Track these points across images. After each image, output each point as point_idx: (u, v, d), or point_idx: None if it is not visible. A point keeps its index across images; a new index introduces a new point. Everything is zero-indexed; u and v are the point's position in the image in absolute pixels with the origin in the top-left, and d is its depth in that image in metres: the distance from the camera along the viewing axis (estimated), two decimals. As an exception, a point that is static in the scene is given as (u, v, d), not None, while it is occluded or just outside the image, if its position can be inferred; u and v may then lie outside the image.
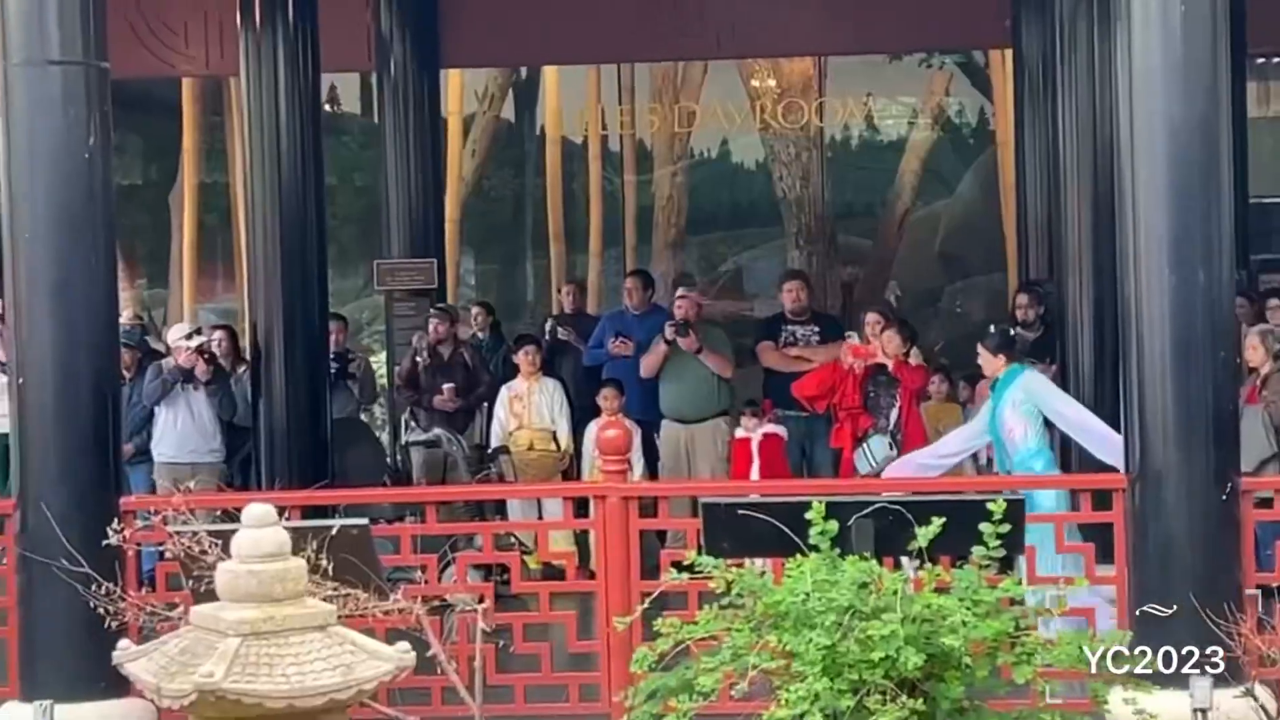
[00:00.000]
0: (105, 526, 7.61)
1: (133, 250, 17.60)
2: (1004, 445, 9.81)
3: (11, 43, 8.11)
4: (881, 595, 5.91)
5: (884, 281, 17.14)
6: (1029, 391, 9.72)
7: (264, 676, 4.29)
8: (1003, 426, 9.75)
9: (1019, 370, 9.91)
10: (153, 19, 15.29)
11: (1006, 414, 9.72)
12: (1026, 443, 9.68)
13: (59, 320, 8.14)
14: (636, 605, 7.41)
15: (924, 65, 16.98)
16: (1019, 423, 9.69)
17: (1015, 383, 9.79)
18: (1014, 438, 9.69)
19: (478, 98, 17.73)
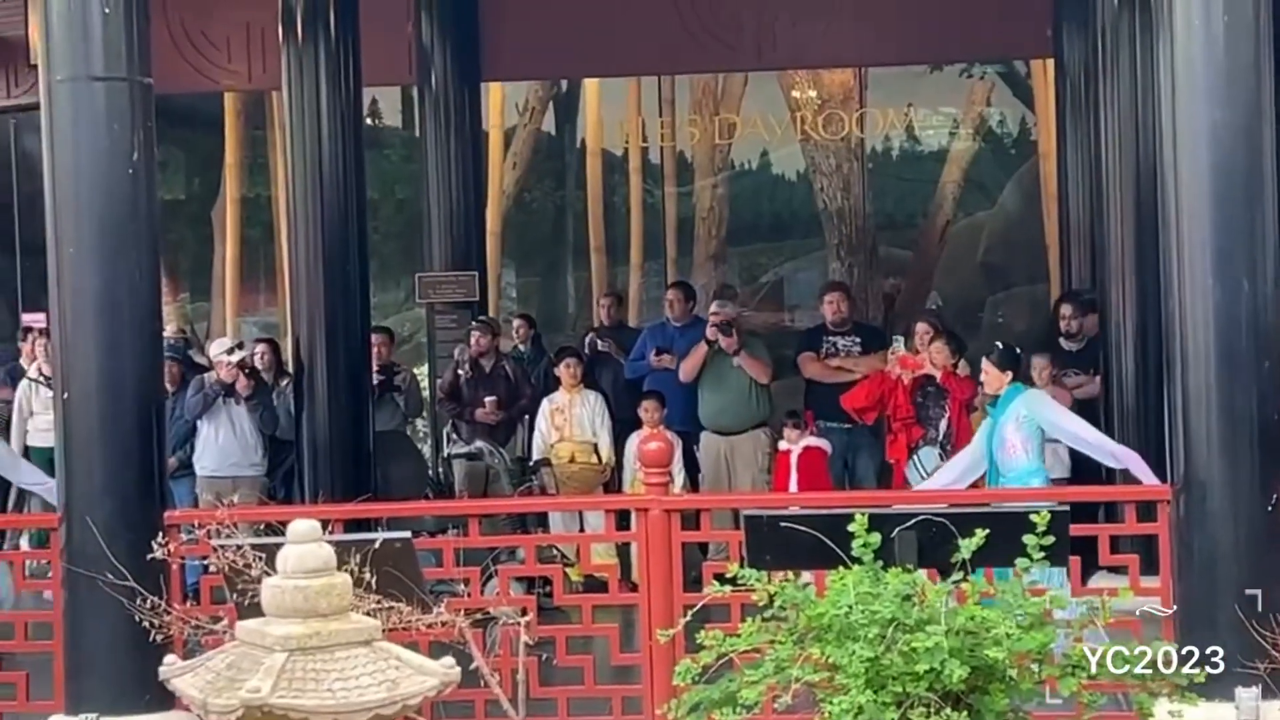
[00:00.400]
0: (150, 540, 7.63)
1: (176, 264, 17.67)
2: (997, 463, 9.80)
3: (56, 59, 8.16)
4: (925, 607, 5.89)
5: (925, 292, 17.09)
6: (1032, 409, 9.73)
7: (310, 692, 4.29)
8: (1003, 444, 9.76)
9: (1020, 388, 9.92)
10: (195, 34, 15.37)
11: (1009, 431, 9.74)
12: (1028, 461, 9.72)
13: (104, 335, 8.18)
14: (679, 618, 7.44)
15: (965, 75, 16.93)
16: (1021, 440, 9.72)
17: (1017, 400, 9.80)
18: (1014, 455, 9.72)
19: (518, 110, 17.74)
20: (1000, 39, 14.79)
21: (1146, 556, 8.02)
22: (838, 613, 5.85)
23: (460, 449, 12.72)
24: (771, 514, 7.37)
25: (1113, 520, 8.96)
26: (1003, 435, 9.76)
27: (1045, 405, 9.88)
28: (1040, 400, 9.91)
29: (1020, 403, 9.76)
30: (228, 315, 17.55)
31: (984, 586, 6.14)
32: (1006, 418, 9.78)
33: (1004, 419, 9.79)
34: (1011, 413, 9.76)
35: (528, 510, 11.30)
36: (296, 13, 11.82)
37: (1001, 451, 9.76)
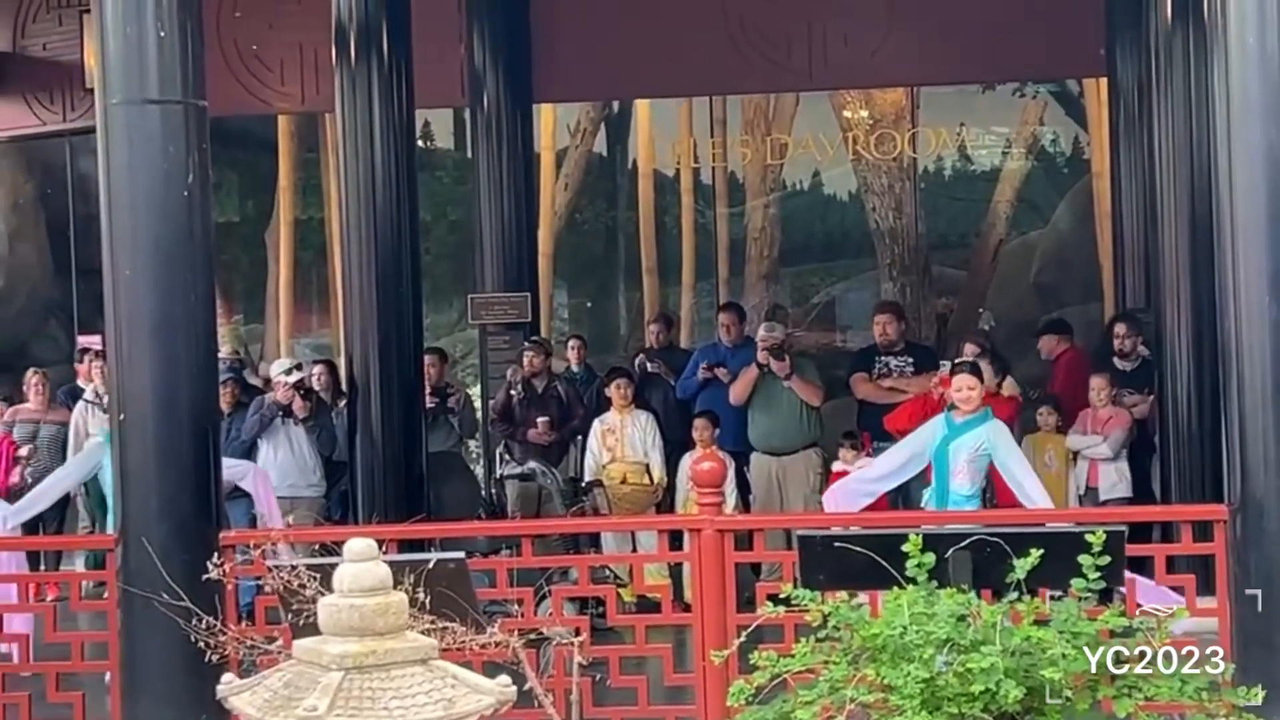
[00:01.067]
0: (205, 560, 7.64)
1: (230, 286, 17.76)
2: (945, 479, 9.73)
3: (111, 82, 8.17)
4: (980, 628, 5.87)
5: (978, 312, 17.05)
6: (992, 440, 9.64)
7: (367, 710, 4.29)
8: (954, 463, 9.70)
9: (989, 415, 9.83)
10: (249, 57, 15.49)
11: (964, 455, 9.67)
12: (968, 488, 9.68)
13: (159, 356, 8.18)
14: (733, 638, 7.42)
15: (1017, 95, 16.89)
16: (971, 468, 9.68)
17: (983, 428, 9.71)
18: (959, 478, 9.67)
19: (570, 132, 17.77)
20: (1053, 58, 14.79)
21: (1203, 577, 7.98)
22: (892, 633, 5.82)
23: (513, 470, 12.73)
24: (825, 534, 7.39)
25: (1169, 540, 8.92)
26: (957, 455, 9.70)
27: (1005, 442, 9.74)
28: (1001, 435, 9.76)
29: (986, 431, 9.68)
30: (281, 336, 17.63)
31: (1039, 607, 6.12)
32: (966, 440, 9.70)
33: (963, 440, 9.71)
34: (973, 437, 9.69)
35: (580, 531, 11.31)
36: (349, 35, 11.88)
37: (951, 469, 9.71)
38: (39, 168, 18.10)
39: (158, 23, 8.02)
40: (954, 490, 9.70)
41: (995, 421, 9.80)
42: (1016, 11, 14.28)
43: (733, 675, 6.86)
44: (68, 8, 16.18)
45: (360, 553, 4.52)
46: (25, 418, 13.91)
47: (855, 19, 14.70)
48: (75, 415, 13.68)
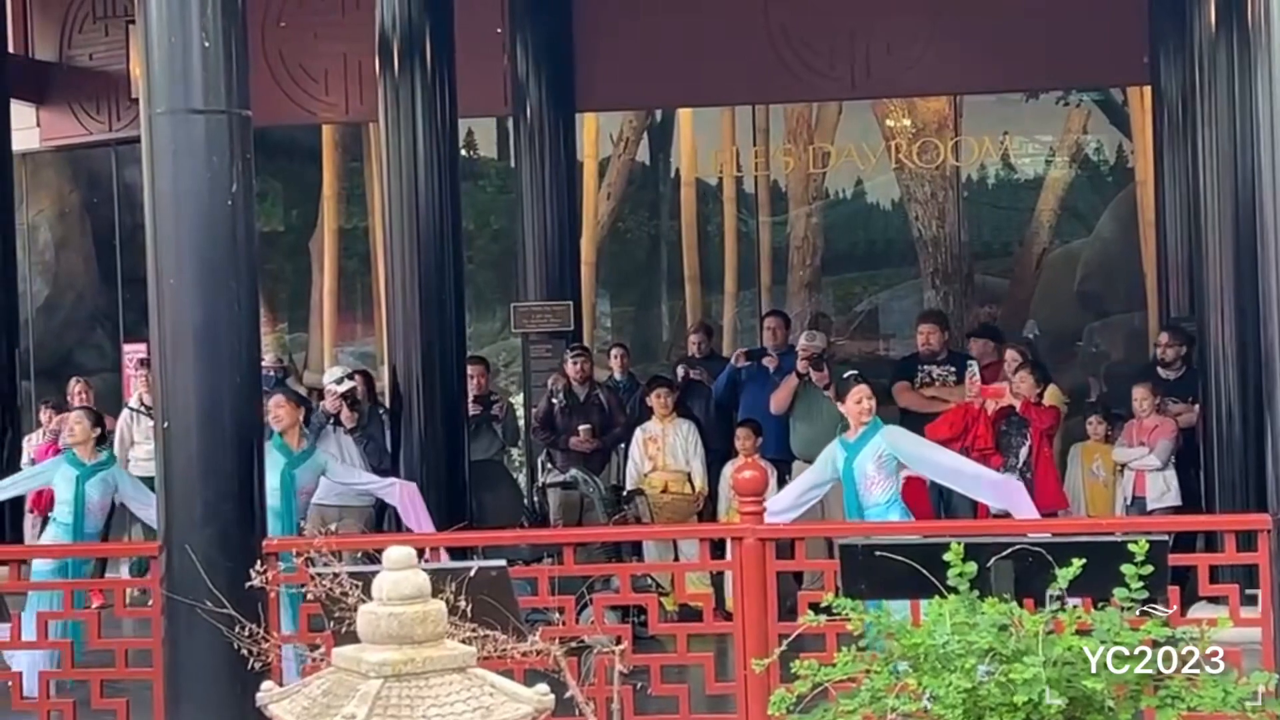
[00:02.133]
0: (248, 568, 7.66)
1: (274, 295, 17.82)
2: (859, 497, 9.73)
3: (156, 92, 8.19)
4: (1022, 637, 5.84)
5: (1022, 321, 16.98)
6: (894, 444, 9.65)
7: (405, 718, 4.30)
8: (863, 479, 9.69)
9: (879, 424, 9.82)
10: (293, 67, 15.56)
11: (870, 468, 9.67)
12: (885, 496, 9.67)
13: (203, 365, 8.19)
14: (774, 647, 7.42)
15: (1061, 103, 16.83)
16: (881, 475, 9.67)
17: (878, 436, 9.72)
18: (874, 490, 9.66)
19: (613, 141, 17.78)
20: (1096, 66, 14.75)
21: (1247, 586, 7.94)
22: (934, 642, 5.80)
23: (555, 478, 12.74)
24: (867, 543, 7.37)
25: (1212, 550, 8.87)
26: (864, 470, 9.70)
27: (907, 439, 9.78)
28: (901, 435, 9.81)
29: (881, 438, 9.69)
30: (325, 345, 17.68)
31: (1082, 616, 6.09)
32: (867, 454, 9.71)
33: (864, 454, 9.72)
34: (873, 448, 9.69)
35: (622, 539, 11.31)
36: (393, 45, 11.91)
37: (862, 486, 9.71)
38: (85, 177, 18.20)
39: (202, 33, 8.04)
40: (870, 505, 9.71)
41: (886, 426, 9.83)
42: (1060, 20, 14.24)
43: (774, 684, 6.83)
44: (114, 18, 16.29)
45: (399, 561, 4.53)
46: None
47: (898, 28, 14.69)
48: (120, 423, 13.75)
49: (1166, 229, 14.19)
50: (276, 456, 10.26)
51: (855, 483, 9.73)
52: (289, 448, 10.56)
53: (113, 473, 10.92)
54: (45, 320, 17.71)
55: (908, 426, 12.22)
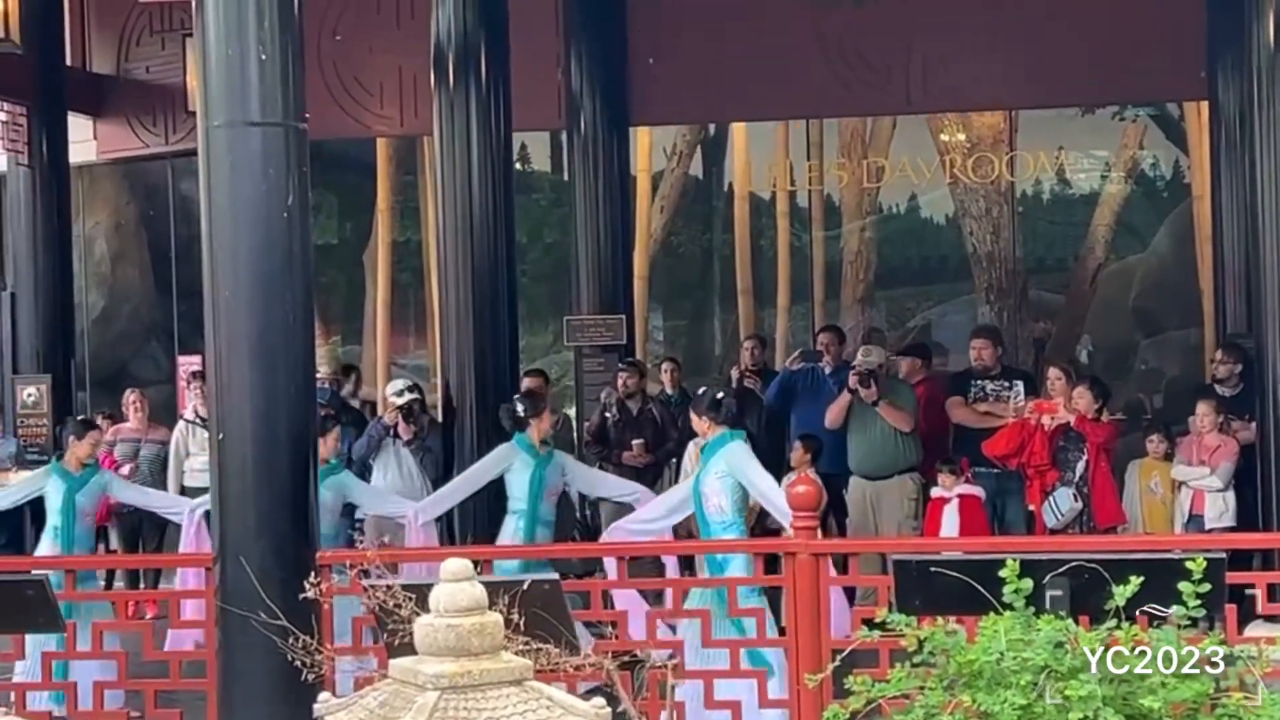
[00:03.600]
0: (302, 579, 7.68)
1: (328, 307, 17.89)
2: (701, 511, 9.69)
3: (213, 105, 8.20)
4: (1078, 654, 5.80)
5: (1076, 337, 16.92)
6: (732, 465, 9.57)
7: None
8: (704, 496, 9.67)
9: (727, 438, 9.74)
10: (349, 80, 15.62)
11: (709, 482, 9.63)
12: (723, 515, 9.60)
13: (258, 377, 8.19)
14: (827, 662, 7.39)
15: (1117, 118, 16.77)
16: (717, 493, 9.61)
17: (720, 454, 9.65)
18: (711, 509, 9.61)
19: (666, 155, 17.80)
20: (1153, 81, 14.69)
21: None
22: (989, 659, 5.75)
23: (607, 492, 12.74)
24: (921, 558, 7.35)
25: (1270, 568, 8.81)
26: (704, 486, 9.68)
27: (743, 459, 9.64)
28: (741, 455, 9.66)
29: (721, 455, 9.61)
30: (379, 358, 17.73)
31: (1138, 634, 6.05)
32: (708, 470, 9.67)
33: (706, 471, 9.68)
34: (713, 466, 9.65)
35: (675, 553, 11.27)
36: (448, 59, 11.96)
37: (704, 503, 9.67)
38: (142, 190, 18.31)
39: (259, 46, 8.05)
40: (710, 520, 9.68)
41: (732, 444, 9.70)
42: (1116, 34, 14.19)
43: (827, 700, 6.82)
44: (170, 31, 16.38)
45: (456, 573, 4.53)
46: (126, 437, 14.06)
47: (953, 42, 14.65)
48: (176, 435, 13.81)
49: (1223, 245, 14.10)
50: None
51: (699, 496, 9.71)
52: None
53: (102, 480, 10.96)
54: (101, 332, 17.81)
55: (962, 442, 12.24)
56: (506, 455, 10.65)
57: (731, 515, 9.62)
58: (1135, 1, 14.12)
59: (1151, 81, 14.72)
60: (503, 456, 10.67)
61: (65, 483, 10.65)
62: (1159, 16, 14.05)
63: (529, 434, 10.58)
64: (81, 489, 10.66)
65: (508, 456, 10.63)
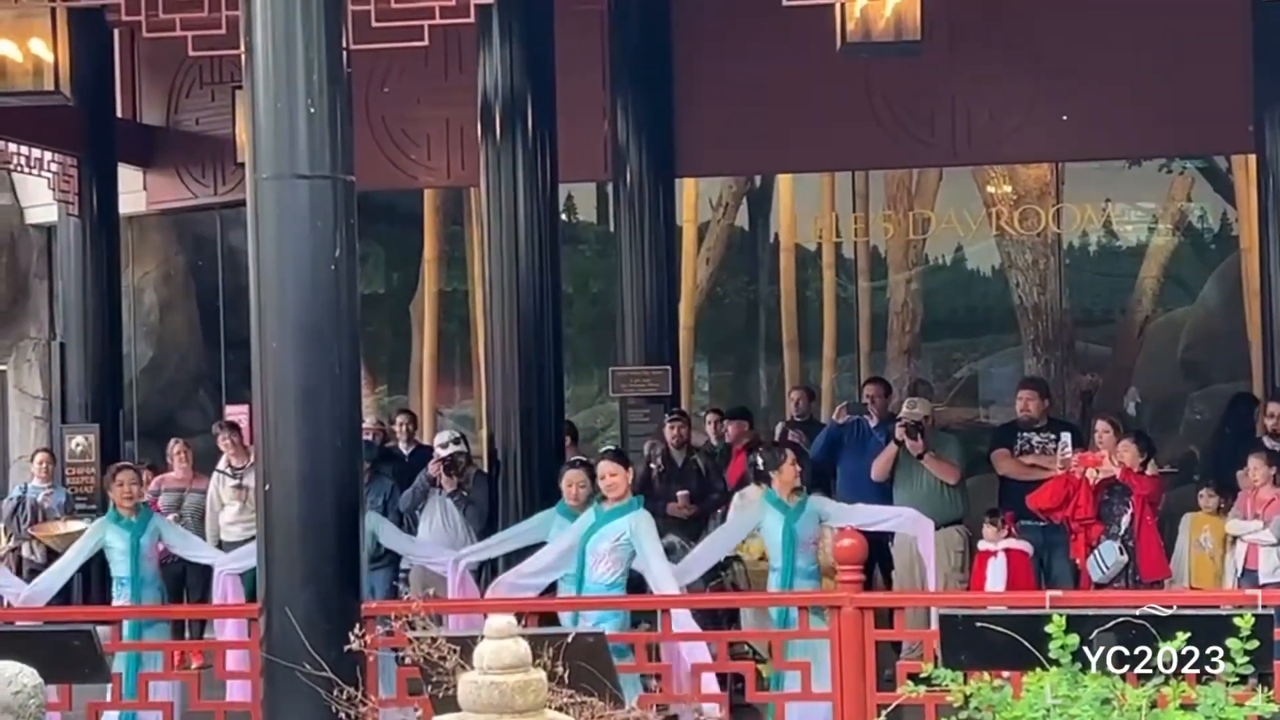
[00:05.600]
0: (347, 630, 7.67)
1: (375, 357, 17.94)
2: (584, 567, 9.67)
3: (261, 157, 8.23)
4: (1125, 711, 5.76)
5: (1124, 389, 16.84)
6: (633, 530, 9.57)
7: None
8: (594, 550, 9.63)
9: (637, 504, 9.76)
10: (396, 132, 15.71)
11: (605, 546, 9.60)
12: (613, 575, 9.62)
13: (304, 427, 8.19)
14: (872, 716, 7.44)
15: (1164, 170, 16.74)
16: (613, 559, 9.62)
17: (625, 516, 9.64)
18: (602, 567, 9.60)
19: (712, 206, 17.84)
20: (1200, 134, 14.66)
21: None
22: (1035, 715, 5.73)
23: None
24: (968, 613, 7.32)
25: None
26: (596, 546, 9.64)
27: (649, 533, 9.64)
28: (644, 525, 9.65)
29: (628, 521, 9.61)
30: (425, 408, 17.76)
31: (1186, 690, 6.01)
32: (608, 531, 9.64)
33: (606, 530, 9.65)
34: (615, 529, 9.63)
35: (719, 605, 11.24)
36: (495, 111, 12.01)
37: (593, 559, 9.65)
38: (190, 240, 18.43)
39: (308, 99, 8.08)
40: (593, 579, 9.65)
41: (639, 512, 9.72)
42: (1163, 87, 14.17)
43: (873, 755, 6.80)
44: (220, 84, 16.50)
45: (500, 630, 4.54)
46: (170, 486, 14.10)
47: (999, 94, 14.65)
48: (211, 486, 13.84)
49: (1272, 297, 14.03)
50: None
51: (586, 552, 9.69)
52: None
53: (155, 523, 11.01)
54: (149, 382, 17.89)
55: (1007, 495, 12.18)
56: (548, 520, 10.55)
57: (613, 580, 9.68)
58: (1182, 54, 14.10)
59: (1199, 134, 14.68)
60: (546, 520, 10.56)
61: (127, 530, 10.65)
62: (1206, 69, 14.02)
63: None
64: (144, 533, 10.69)
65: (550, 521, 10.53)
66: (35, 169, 15.32)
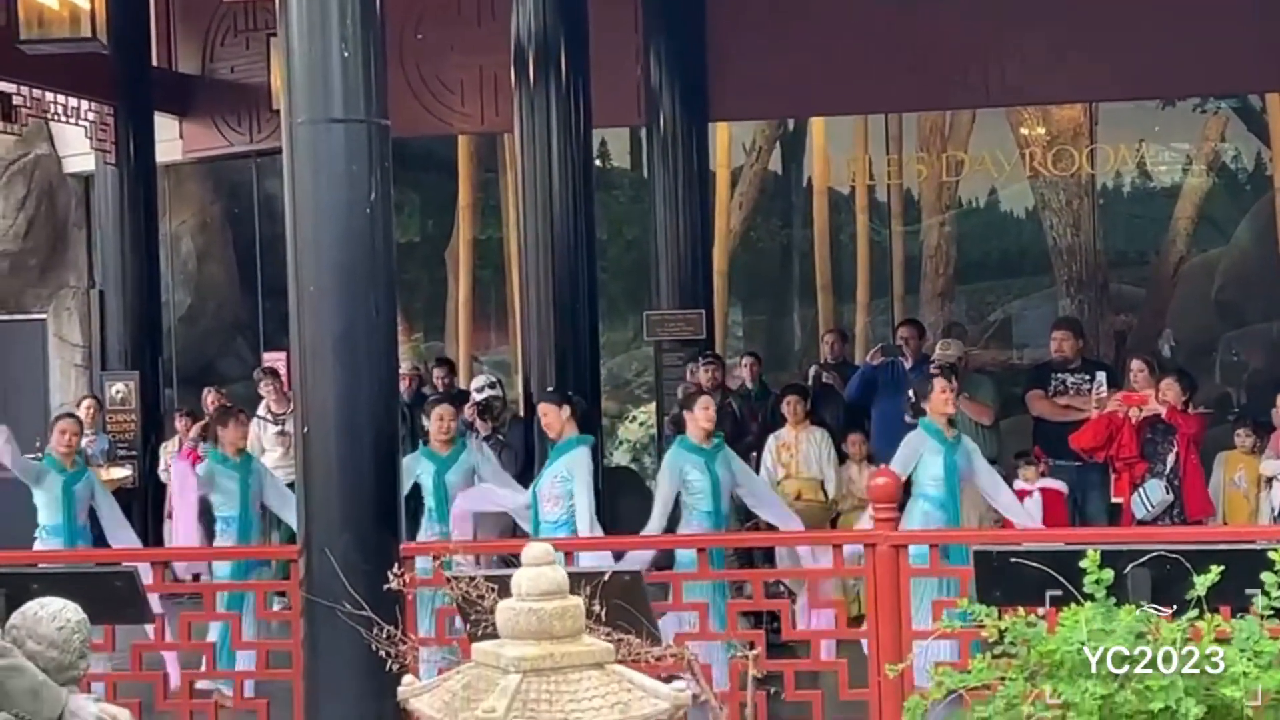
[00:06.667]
0: (386, 571, 7.72)
1: (411, 304, 17.98)
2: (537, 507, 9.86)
3: (297, 102, 8.24)
4: (1159, 645, 5.80)
5: (1158, 330, 16.79)
6: (572, 470, 9.71)
7: (544, 713, 4.31)
8: (541, 495, 9.81)
9: (577, 442, 9.87)
10: (430, 78, 15.69)
11: (547, 484, 9.80)
12: (558, 513, 9.74)
13: (342, 371, 8.21)
14: (908, 653, 7.39)
15: (1198, 110, 16.65)
16: (555, 495, 9.76)
17: (566, 457, 9.78)
18: (548, 506, 9.75)
19: (745, 150, 17.80)
20: (1235, 73, 14.56)
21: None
22: (1070, 649, 5.75)
23: (687, 485, 12.69)
24: (1002, 549, 7.33)
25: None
26: (544, 488, 9.83)
27: (582, 468, 9.78)
28: (579, 464, 9.79)
29: (565, 461, 9.77)
30: (460, 354, 17.80)
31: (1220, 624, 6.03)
32: (551, 471, 9.80)
33: (549, 470, 9.82)
34: (556, 469, 9.80)
35: (754, 545, 11.28)
36: (528, 57, 11.99)
37: (541, 501, 9.81)
38: (226, 188, 18.47)
39: (342, 44, 8.09)
40: (544, 519, 9.81)
41: (576, 450, 9.85)
42: (1197, 26, 14.07)
43: (908, 691, 6.82)
44: (254, 31, 16.51)
45: (538, 557, 4.57)
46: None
47: (1033, 35, 14.56)
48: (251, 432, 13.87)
49: (1306, 236, 14.00)
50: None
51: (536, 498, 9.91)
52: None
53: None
54: (187, 330, 17.97)
55: (1042, 435, 12.18)
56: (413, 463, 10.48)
57: (564, 515, 9.82)
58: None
59: (1233, 73, 14.58)
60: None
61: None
62: (1240, 7, 13.92)
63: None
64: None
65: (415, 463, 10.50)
66: (72, 118, 15.35)
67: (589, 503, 9.76)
